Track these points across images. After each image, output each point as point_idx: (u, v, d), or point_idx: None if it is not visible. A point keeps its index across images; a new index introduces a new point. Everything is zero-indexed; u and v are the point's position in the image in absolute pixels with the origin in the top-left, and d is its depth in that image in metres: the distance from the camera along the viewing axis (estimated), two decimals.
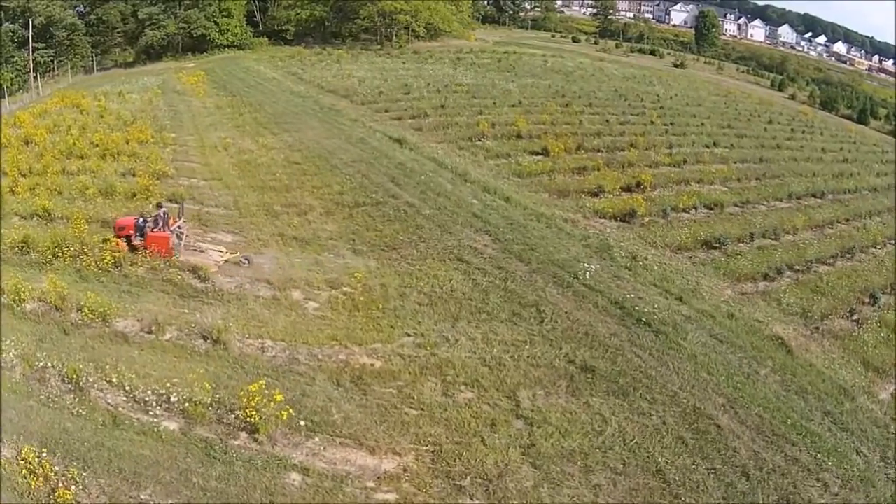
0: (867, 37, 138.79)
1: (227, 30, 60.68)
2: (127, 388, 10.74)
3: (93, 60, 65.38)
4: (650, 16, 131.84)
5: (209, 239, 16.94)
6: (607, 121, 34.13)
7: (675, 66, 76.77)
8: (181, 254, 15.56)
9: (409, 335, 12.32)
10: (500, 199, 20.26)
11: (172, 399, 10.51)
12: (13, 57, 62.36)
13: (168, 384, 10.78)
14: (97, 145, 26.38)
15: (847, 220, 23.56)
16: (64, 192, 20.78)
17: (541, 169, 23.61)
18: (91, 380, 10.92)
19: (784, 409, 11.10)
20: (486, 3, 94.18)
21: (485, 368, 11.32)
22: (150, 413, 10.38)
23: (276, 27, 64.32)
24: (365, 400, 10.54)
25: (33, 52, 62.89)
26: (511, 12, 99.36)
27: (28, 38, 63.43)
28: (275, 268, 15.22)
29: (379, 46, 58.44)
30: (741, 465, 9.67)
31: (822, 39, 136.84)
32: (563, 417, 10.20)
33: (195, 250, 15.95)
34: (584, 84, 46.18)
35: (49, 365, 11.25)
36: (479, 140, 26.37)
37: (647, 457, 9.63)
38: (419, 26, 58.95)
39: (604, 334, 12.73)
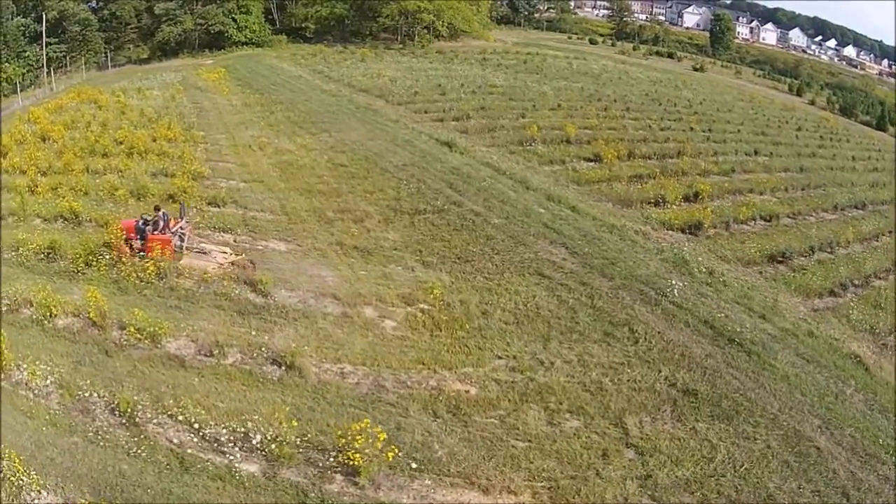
0: (876, 41, 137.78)
1: (245, 27, 59.47)
2: (193, 423, 9.49)
3: (106, 56, 64.12)
4: (662, 18, 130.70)
5: (227, 240, 16.10)
6: (649, 126, 33.21)
7: (695, 69, 75.57)
8: (184, 256, 14.71)
9: (500, 357, 11.51)
10: (566, 208, 19.34)
11: (252, 437, 9.23)
12: (25, 52, 61.11)
13: (242, 418, 9.51)
14: (121, 143, 25.20)
15: (890, 232, 23.19)
16: (90, 193, 19.67)
17: (598, 176, 22.79)
18: (147, 413, 9.70)
19: (871, 429, 10.98)
20: (501, 3, 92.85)
21: (586, 394, 10.71)
22: (225, 454, 9.10)
23: (293, 25, 63.05)
24: (467, 432, 9.67)
25: (45, 46, 61.74)
26: (526, 13, 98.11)
27: (40, 32, 62.28)
28: (339, 281, 13.98)
29: (401, 46, 57.18)
30: (841, 486, 9.58)
31: (832, 43, 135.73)
32: (673, 445, 9.79)
33: (199, 252, 15.08)
34: (615, 87, 45.04)
35: (93, 394, 10.08)
36: (529, 144, 25.37)
37: (758, 482, 9.36)
38: (442, 26, 57.69)
39: (699, 355, 12.19)
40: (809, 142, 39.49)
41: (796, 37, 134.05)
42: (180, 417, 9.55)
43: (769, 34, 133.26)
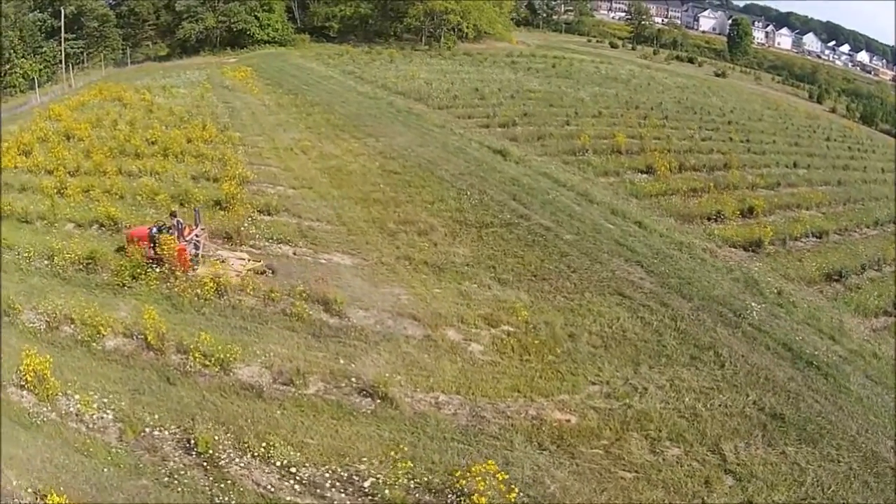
0: (889, 46, 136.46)
1: (268, 25, 58.67)
2: (284, 463, 8.61)
3: (123, 53, 63.42)
4: (678, 21, 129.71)
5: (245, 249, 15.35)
6: (691, 137, 32.50)
7: (717, 75, 74.73)
8: (200, 264, 14.13)
9: (593, 383, 11.16)
10: (631, 223, 18.64)
11: (358, 480, 8.40)
12: (41, 47, 60.38)
13: (342, 459, 8.68)
14: (153, 143, 24.38)
15: None
16: (126, 197, 18.94)
17: (655, 190, 22.10)
18: (228, 451, 8.83)
19: None
20: (519, 5, 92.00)
21: (682, 420, 10.48)
22: (326, 501, 8.25)
23: (315, 24, 62.22)
24: (574, 465, 9.32)
25: (63, 42, 61.06)
26: (544, 15, 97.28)
27: (57, 27, 61.54)
28: (415, 300, 13.18)
29: (427, 47, 56.33)
30: None
31: (845, 48, 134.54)
32: (767, 469, 9.74)
33: (215, 260, 14.52)
34: (648, 94, 44.22)
35: (161, 429, 9.26)
36: (581, 154, 24.56)
37: None
38: (468, 27, 56.86)
39: (782, 378, 12.07)
40: (840, 153, 38.96)
41: (810, 41, 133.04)
42: (268, 457, 8.69)
43: (784, 39, 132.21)
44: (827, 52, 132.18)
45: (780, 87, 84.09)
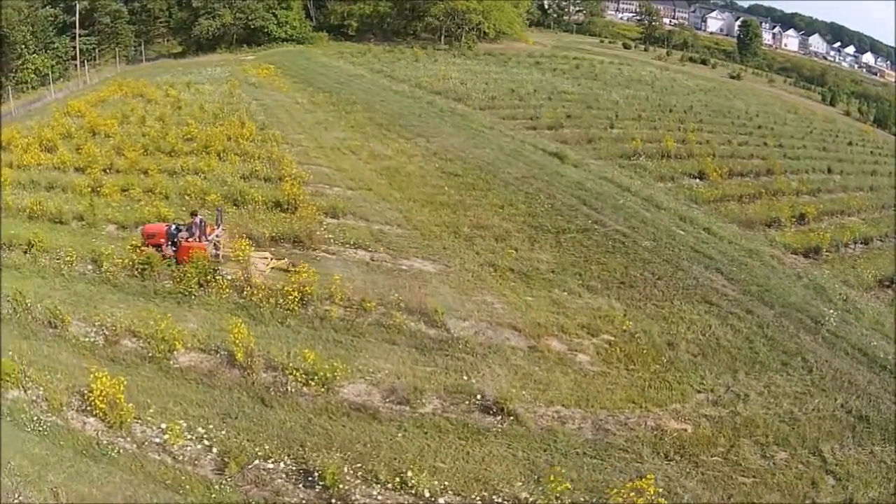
0: (892, 47, 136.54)
1: (286, 22, 58.04)
2: (422, 493, 8.05)
3: (136, 50, 62.66)
4: (685, 22, 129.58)
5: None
6: (729, 141, 32.22)
7: (732, 77, 74.41)
8: (220, 265, 13.60)
9: (699, 392, 11.08)
10: (700, 229, 18.35)
11: None
12: (53, 43, 59.56)
13: (482, 483, 8.17)
14: (189, 139, 23.71)
15: None
16: (172, 197, 18.26)
17: (711, 195, 21.92)
18: (354, 481, 8.19)
19: None
20: (530, 5, 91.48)
21: (783, 425, 10.56)
22: None
23: (332, 21, 61.60)
24: (700, 473, 9.22)
25: (75, 38, 60.30)
26: (556, 16, 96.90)
27: (69, 23, 60.82)
28: (510, 309, 12.74)
29: (447, 46, 55.84)
30: None
31: (850, 49, 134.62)
32: (860, 468, 9.89)
33: (236, 260, 13.85)
34: (675, 97, 43.90)
35: (269, 459, 8.50)
36: (635, 158, 24.26)
37: None
38: (489, 27, 56.41)
39: (862, 382, 12.16)
40: (864, 158, 38.96)
41: (816, 43, 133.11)
42: (403, 487, 8.08)
43: (791, 40, 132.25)
44: (832, 53, 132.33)
45: (794, 89, 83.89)
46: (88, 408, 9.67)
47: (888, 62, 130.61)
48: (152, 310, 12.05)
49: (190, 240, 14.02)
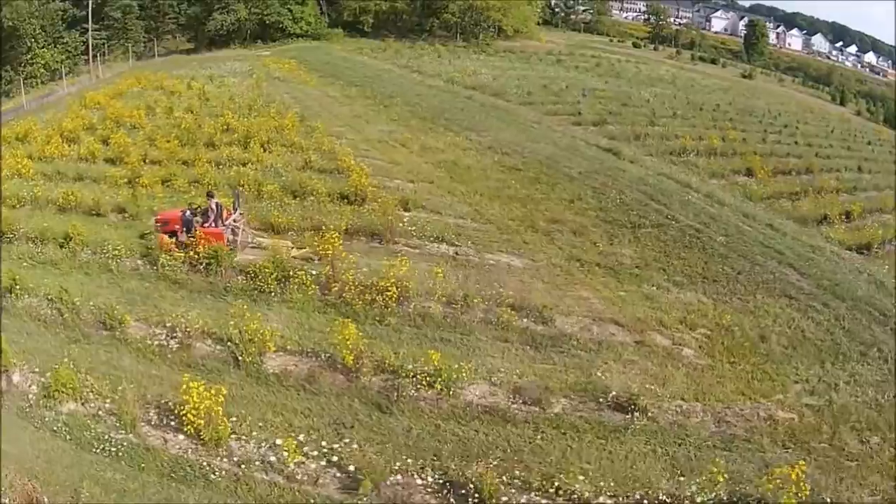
0: (893, 46, 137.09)
1: (301, 18, 57.57)
2: (576, 499, 7.74)
3: (145, 46, 61.95)
4: (689, 21, 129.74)
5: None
6: (763, 140, 32.27)
7: (744, 76, 74.53)
8: (239, 252, 13.06)
9: (796, 382, 11.10)
10: (763, 225, 18.26)
11: None
12: (62, 37, 58.81)
13: (632, 483, 7.99)
14: (226, 130, 23.06)
15: None
16: (220, 187, 17.30)
17: (763, 193, 21.81)
18: (516, 496, 7.68)
19: None
20: (543, 3, 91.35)
21: (871, 411, 10.57)
22: None
23: (346, 18, 61.14)
24: (813, 460, 9.21)
25: (84, 33, 59.59)
26: (563, 14, 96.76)
27: (78, 17, 60.12)
28: (607, 304, 12.52)
29: (464, 43, 55.55)
30: None
31: (852, 49, 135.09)
32: None
33: (254, 247, 13.71)
34: (700, 96, 43.88)
35: (406, 473, 7.90)
36: (685, 155, 24.12)
37: None
38: (508, 25, 56.18)
39: None
40: (885, 157, 38.73)
41: (818, 42, 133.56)
42: (558, 493, 7.70)
43: (794, 40, 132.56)
44: (834, 52, 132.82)
45: (803, 88, 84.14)
46: (170, 422, 8.82)
47: (890, 62, 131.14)
48: (224, 308, 11.30)
49: (206, 225, 13.42)
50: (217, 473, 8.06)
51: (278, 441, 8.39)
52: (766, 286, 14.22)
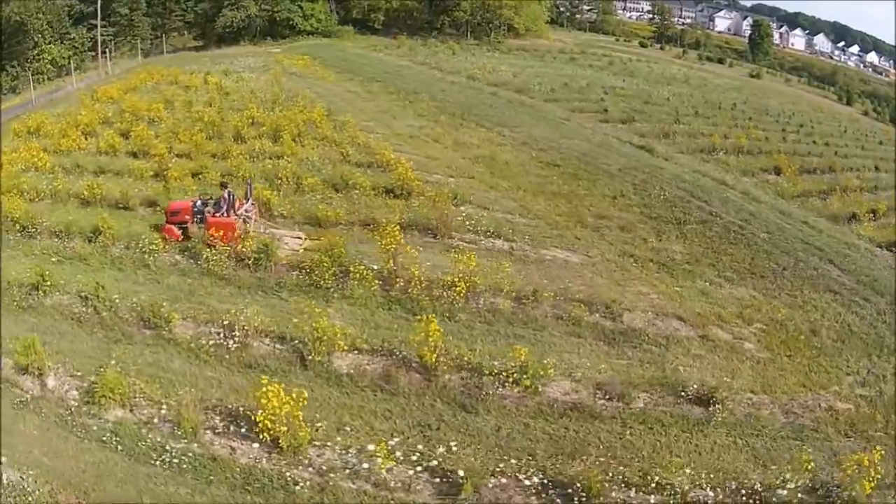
0: (894, 46, 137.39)
1: (311, 15, 57.35)
2: (670, 492, 7.70)
3: (152, 43, 61.64)
4: (692, 21, 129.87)
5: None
6: (784, 139, 32.48)
7: (752, 76, 74.58)
8: (250, 242, 12.76)
9: (848, 374, 11.29)
10: (799, 222, 18.37)
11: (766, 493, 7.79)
12: (69, 34, 58.48)
13: (723, 473, 8.09)
14: (253, 123, 22.64)
15: None
16: (254, 181, 16.78)
17: (794, 191, 21.98)
18: (617, 492, 7.69)
19: None
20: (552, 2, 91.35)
21: None
22: None
23: (355, 15, 60.99)
24: (872, 447, 9.00)
25: (91, 29, 59.30)
26: (568, 14, 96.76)
27: (85, 13, 59.83)
28: (665, 300, 12.55)
29: (476, 41, 55.45)
30: None
31: (854, 49, 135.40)
32: None
33: (267, 237, 13.34)
34: (715, 95, 43.90)
35: (504, 475, 7.63)
36: (715, 153, 24.23)
37: None
38: (520, 23, 56.14)
39: None
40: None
41: (821, 42, 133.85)
42: (656, 487, 7.69)
43: (798, 40, 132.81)
44: (837, 52, 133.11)
45: (810, 88, 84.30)
46: (238, 429, 8.27)
47: (891, 61, 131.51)
48: (279, 306, 10.92)
49: (217, 215, 13.10)
50: (300, 484, 7.54)
51: (367, 447, 8.01)
52: (811, 281, 14.40)
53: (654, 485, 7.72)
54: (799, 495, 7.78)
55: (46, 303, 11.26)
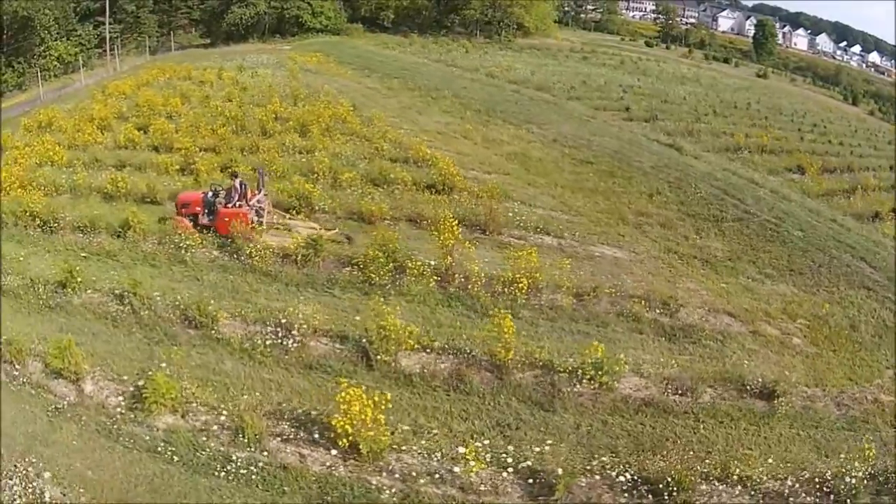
0: (894, 46, 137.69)
1: (321, 13, 57.27)
2: (744, 484, 7.83)
3: (158, 41, 61.48)
4: (694, 20, 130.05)
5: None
6: (802, 139, 32.63)
7: (759, 76, 74.77)
8: (263, 233, 12.65)
9: (888, 368, 11.31)
10: (828, 220, 18.46)
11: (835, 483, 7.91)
12: (76, 30, 58.25)
13: (789, 465, 8.23)
14: (277, 118, 22.51)
15: None
16: (287, 176, 16.60)
17: (820, 189, 22.14)
18: (702, 486, 7.69)
19: None
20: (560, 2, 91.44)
21: None
22: None
23: (364, 13, 60.95)
24: None
25: (97, 26, 59.12)
26: (573, 13, 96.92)
27: (91, 10, 59.63)
28: (715, 296, 12.61)
29: (486, 39, 55.52)
30: None
31: (856, 49, 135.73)
32: None
33: (280, 228, 13.23)
34: (728, 94, 44.21)
35: (591, 473, 7.55)
36: (740, 152, 24.41)
37: None
38: (531, 21, 56.22)
39: None
40: None
41: (823, 42, 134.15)
42: (736, 479, 7.82)
43: (800, 39, 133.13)
44: (839, 52, 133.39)
45: (816, 88, 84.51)
46: (306, 434, 7.82)
47: (893, 61, 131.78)
48: (332, 303, 10.53)
49: (229, 206, 12.85)
50: (384, 491, 7.16)
51: (449, 449, 7.79)
52: (846, 278, 14.50)
53: (735, 477, 7.78)
54: (865, 482, 7.92)
55: (75, 301, 10.74)
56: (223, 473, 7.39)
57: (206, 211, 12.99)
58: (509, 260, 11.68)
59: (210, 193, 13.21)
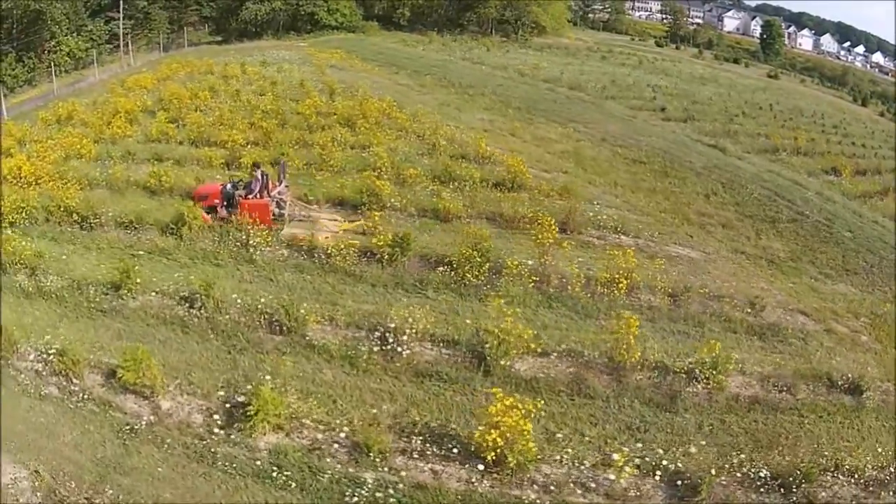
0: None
1: (336, 10, 57.20)
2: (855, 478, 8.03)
3: (168, 37, 61.24)
4: (699, 20, 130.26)
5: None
6: (828, 140, 32.84)
7: (770, 76, 74.97)
8: (285, 225, 12.41)
9: None
10: (871, 221, 18.72)
11: None
12: (86, 26, 57.95)
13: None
14: (319, 112, 22.01)
15: None
16: (347, 172, 16.19)
17: (857, 191, 22.45)
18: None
19: None
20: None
21: None
22: None
23: (378, 11, 60.86)
24: None
25: (108, 21, 58.90)
26: (581, 13, 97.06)
27: (102, 5, 59.36)
28: (787, 296, 12.84)
29: (503, 38, 55.61)
30: None
31: (860, 49, 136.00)
32: None
33: (302, 220, 13.03)
34: (749, 95, 44.35)
35: (721, 474, 7.59)
36: (777, 154, 24.79)
37: None
38: (547, 21, 56.34)
39: None
40: None
41: (827, 42, 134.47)
42: (852, 474, 8.08)
43: (805, 40, 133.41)
44: (842, 52, 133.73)
45: (825, 89, 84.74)
46: (437, 449, 7.34)
47: (895, 61, 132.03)
48: (428, 305, 9.98)
49: (250, 197, 12.53)
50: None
51: (587, 456, 7.68)
52: None
53: (848, 471, 8.03)
54: None
55: (132, 304, 9.92)
56: (355, 499, 6.71)
57: (225, 203, 12.68)
58: (603, 260, 11.83)
59: (229, 185, 12.96)
